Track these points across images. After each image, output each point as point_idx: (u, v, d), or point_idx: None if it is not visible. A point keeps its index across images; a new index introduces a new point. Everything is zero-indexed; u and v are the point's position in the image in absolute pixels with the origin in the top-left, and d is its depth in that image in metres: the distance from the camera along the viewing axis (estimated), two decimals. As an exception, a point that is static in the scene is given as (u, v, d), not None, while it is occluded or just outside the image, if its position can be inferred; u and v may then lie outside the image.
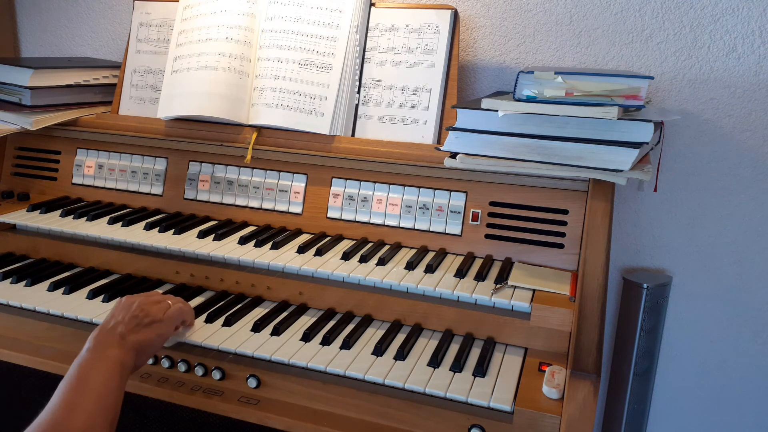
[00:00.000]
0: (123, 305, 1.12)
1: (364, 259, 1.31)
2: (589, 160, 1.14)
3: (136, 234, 1.43)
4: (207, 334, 1.20)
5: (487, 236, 1.36)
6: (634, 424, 1.56)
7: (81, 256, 1.49)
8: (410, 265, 1.29)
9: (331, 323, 1.26)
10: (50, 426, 0.90)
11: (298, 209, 1.49)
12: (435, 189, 1.40)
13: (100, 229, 1.45)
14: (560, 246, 1.31)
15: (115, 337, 1.05)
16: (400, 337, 1.21)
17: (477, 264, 1.32)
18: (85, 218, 1.51)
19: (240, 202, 1.53)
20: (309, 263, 1.30)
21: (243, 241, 1.39)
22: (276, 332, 1.21)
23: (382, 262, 1.30)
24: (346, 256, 1.32)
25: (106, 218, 1.50)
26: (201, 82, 1.50)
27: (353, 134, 1.49)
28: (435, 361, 1.13)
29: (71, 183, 1.67)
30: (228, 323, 1.24)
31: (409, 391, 1.08)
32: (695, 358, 1.60)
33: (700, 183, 1.50)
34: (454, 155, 1.25)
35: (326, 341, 1.18)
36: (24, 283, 1.38)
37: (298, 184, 1.49)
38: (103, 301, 1.31)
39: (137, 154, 1.62)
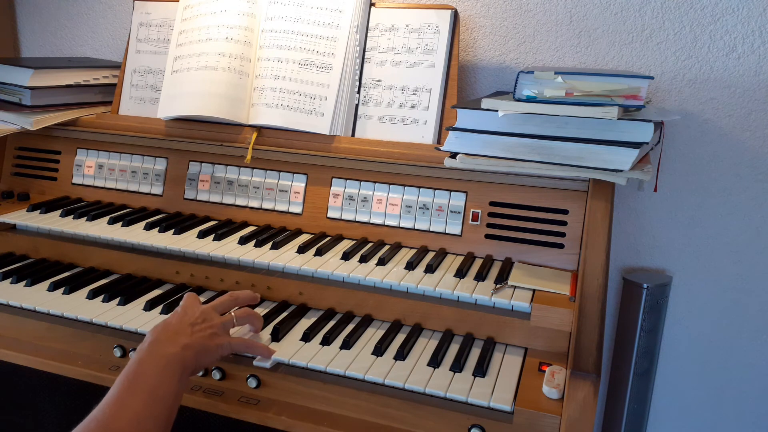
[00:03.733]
0: (186, 311, 1.07)
1: (364, 259, 1.31)
2: (589, 160, 1.14)
3: (136, 234, 1.43)
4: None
5: (487, 236, 1.36)
6: (634, 424, 1.56)
7: (81, 256, 1.49)
8: (410, 265, 1.29)
9: (331, 323, 1.26)
10: (95, 425, 0.85)
11: (298, 209, 1.49)
12: (435, 189, 1.40)
13: (100, 229, 1.45)
14: (560, 246, 1.31)
15: (180, 336, 0.99)
16: (400, 337, 1.21)
17: (477, 264, 1.32)
18: (85, 218, 1.51)
19: (240, 202, 1.53)
20: (309, 263, 1.30)
21: (243, 241, 1.39)
22: (276, 332, 1.21)
23: (382, 262, 1.30)
24: (346, 256, 1.32)
25: (106, 218, 1.50)
26: (201, 82, 1.50)
27: (353, 134, 1.49)
28: (435, 361, 1.13)
29: (71, 183, 1.67)
30: (228, 323, 1.24)
31: (409, 391, 1.08)
32: (695, 358, 1.60)
33: (700, 183, 1.50)
34: (454, 155, 1.25)
35: (326, 341, 1.18)
36: (24, 283, 1.38)
37: (298, 184, 1.49)
38: (103, 301, 1.31)
39: (137, 154, 1.62)
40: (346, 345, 1.17)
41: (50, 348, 1.28)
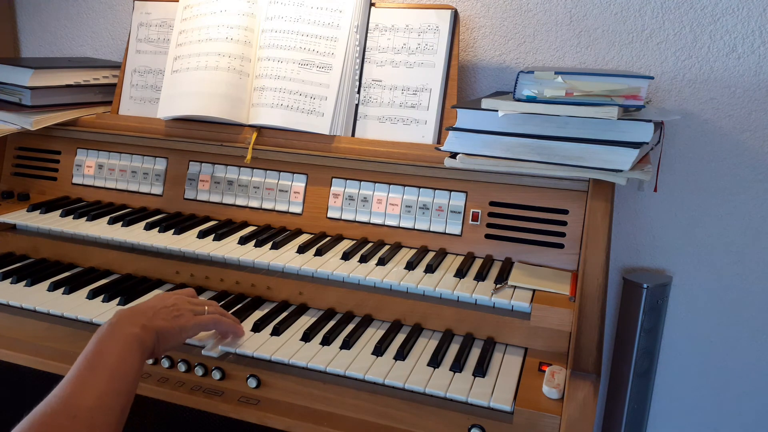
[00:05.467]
0: (159, 297, 1.12)
1: (364, 259, 1.31)
2: (589, 160, 1.14)
3: (136, 234, 1.43)
4: (207, 333, 1.20)
5: (487, 236, 1.36)
6: (634, 424, 1.56)
7: (81, 256, 1.49)
8: (410, 265, 1.29)
9: (331, 323, 1.26)
10: (59, 403, 0.86)
11: (298, 209, 1.49)
12: (435, 189, 1.40)
13: (100, 229, 1.45)
14: (560, 246, 1.31)
15: (140, 317, 1.03)
16: (400, 337, 1.21)
17: (477, 264, 1.32)
18: (85, 218, 1.51)
19: (240, 202, 1.53)
20: (309, 263, 1.30)
21: (243, 241, 1.39)
22: (276, 332, 1.21)
23: (382, 262, 1.30)
24: (346, 256, 1.32)
25: (106, 218, 1.50)
26: (201, 82, 1.50)
27: (353, 134, 1.49)
28: (435, 361, 1.13)
29: (71, 183, 1.67)
30: (228, 323, 1.24)
31: (409, 391, 1.08)
32: (695, 358, 1.60)
33: (700, 183, 1.50)
34: (454, 155, 1.25)
35: (326, 341, 1.18)
36: (24, 283, 1.38)
37: (298, 184, 1.49)
38: (103, 301, 1.31)
39: (137, 154, 1.62)
40: (346, 345, 1.17)
41: (50, 348, 1.28)
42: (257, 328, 1.22)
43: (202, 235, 1.41)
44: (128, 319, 1.01)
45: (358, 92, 1.49)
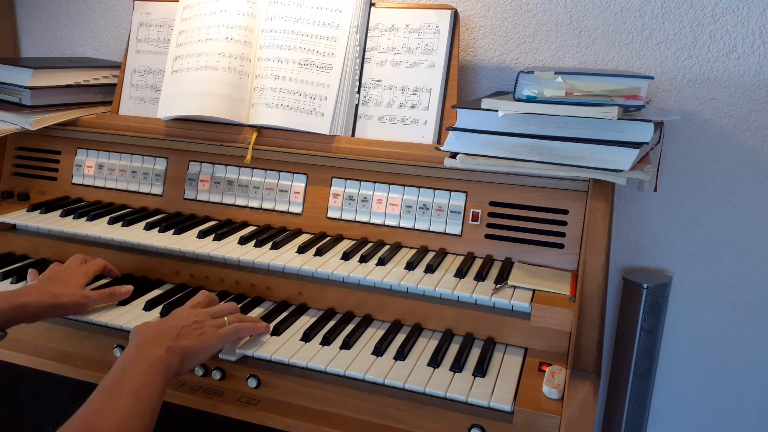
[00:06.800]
0: (181, 314, 1.10)
1: (364, 259, 1.31)
2: (589, 160, 1.14)
3: (136, 234, 1.43)
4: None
5: (487, 236, 1.36)
6: (634, 424, 1.56)
7: (81, 256, 1.49)
8: (410, 265, 1.29)
9: (331, 323, 1.26)
10: (81, 424, 0.86)
11: (298, 209, 1.49)
12: (435, 189, 1.40)
13: (100, 229, 1.45)
14: (560, 246, 1.31)
15: (165, 339, 1.02)
16: (400, 337, 1.21)
17: (477, 264, 1.32)
18: (85, 218, 1.51)
19: (240, 202, 1.53)
20: (309, 263, 1.30)
21: (243, 241, 1.39)
22: (276, 332, 1.21)
23: (382, 262, 1.30)
24: (346, 256, 1.32)
25: (106, 218, 1.50)
26: (201, 82, 1.50)
27: (353, 134, 1.49)
28: (435, 361, 1.13)
29: (71, 183, 1.67)
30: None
31: (409, 391, 1.08)
32: (695, 358, 1.60)
33: (700, 183, 1.50)
34: (454, 155, 1.25)
35: (326, 341, 1.18)
36: (24, 283, 1.38)
37: (298, 184, 1.49)
38: (103, 301, 1.32)
39: (137, 154, 1.62)
40: (346, 345, 1.17)
41: (50, 348, 1.28)
42: (257, 328, 1.22)
43: (202, 235, 1.41)
44: (153, 341, 1.01)
45: (358, 92, 1.49)
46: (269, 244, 1.38)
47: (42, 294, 1.19)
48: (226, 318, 1.14)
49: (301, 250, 1.35)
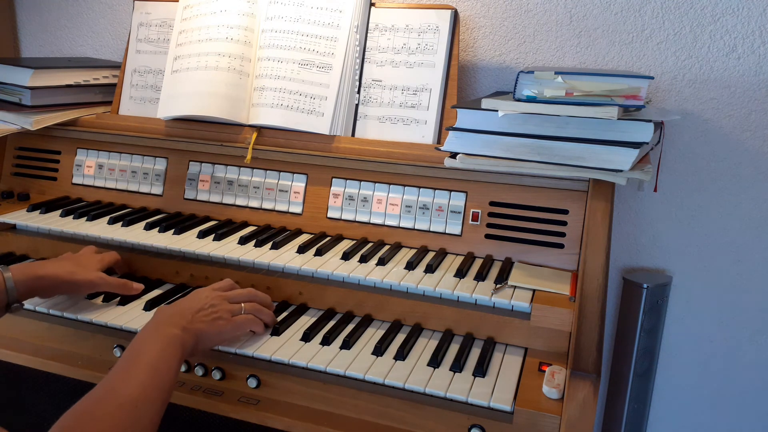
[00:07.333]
0: (199, 296, 1.16)
1: (364, 259, 1.31)
2: (589, 160, 1.14)
3: (136, 234, 1.43)
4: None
5: (487, 236, 1.36)
6: (634, 424, 1.56)
7: (81, 256, 1.49)
8: (410, 265, 1.29)
9: (331, 323, 1.26)
10: (105, 391, 0.92)
11: (298, 209, 1.49)
12: (435, 189, 1.40)
13: (100, 229, 1.45)
14: (560, 246, 1.31)
15: (180, 319, 1.07)
16: (400, 337, 1.21)
17: (477, 264, 1.32)
18: (85, 218, 1.51)
19: (240, 202, 1.53)
20: (309, 263, 1.30)
21: (243, 241, 1.39)
22: (276, 332, 1.21)
23: (382, 262, 1.30)
24: (346, 256, 1.32)
25: (106, 218, 1.50)
26: (201, 82, 1.50)
27: (353, 134, 1.49)
28: (435, 361, 1.13)
29: (71, 183, 1.67)
30: (228, 323, 1.24)
31: (409, 391, 1.08)
32: (695, 358, 1.60)
33: (700, 183, 1.50)
34: (454, 155, 1.25)
35: (326, 341, 1.18)
36: (24, 282, 1.38)
37: (298, 184, 1.49)
38: (103, 301, 1.31)
39: (137, 154, 1.62)
40: (346, 345, 1.17)
41: (50, 348, 1.28)
42: (257, 328, 1.22)
43: (202, 235, 1.41)
44: (169, 320, 1.07)
45: (358, 92, 1.49)
46: (269, 244, 1.38)
47: (58, 268, 1.25)
48: (243, 305, 1.18)
49: (301, 250, 1.35)
